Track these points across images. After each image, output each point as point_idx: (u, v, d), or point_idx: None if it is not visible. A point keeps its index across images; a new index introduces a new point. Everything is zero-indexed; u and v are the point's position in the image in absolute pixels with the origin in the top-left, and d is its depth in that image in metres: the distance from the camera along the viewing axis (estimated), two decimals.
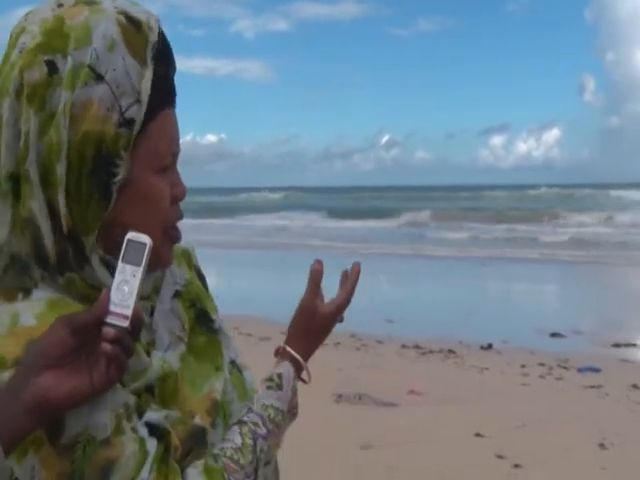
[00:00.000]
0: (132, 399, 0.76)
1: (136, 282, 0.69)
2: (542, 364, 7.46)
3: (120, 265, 0.70)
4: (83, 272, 0.78)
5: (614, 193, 43.80)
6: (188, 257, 0.96)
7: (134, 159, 0.76)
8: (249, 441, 0.83)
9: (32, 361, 0.68)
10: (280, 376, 0.90)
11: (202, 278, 0.98)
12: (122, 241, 0.74)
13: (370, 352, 6.46)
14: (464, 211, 34.43)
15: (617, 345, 8.33)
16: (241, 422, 0.86)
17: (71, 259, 0.77)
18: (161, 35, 0.79)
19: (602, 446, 5.08)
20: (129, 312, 0.68)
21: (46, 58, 0.73)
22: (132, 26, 0.76)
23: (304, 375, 0.94)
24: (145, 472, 0.73)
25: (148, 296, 0.84)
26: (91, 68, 0.73)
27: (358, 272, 0.97)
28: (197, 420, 0.81)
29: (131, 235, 0.71)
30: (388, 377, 6.72)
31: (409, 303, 11.06)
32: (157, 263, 0.81)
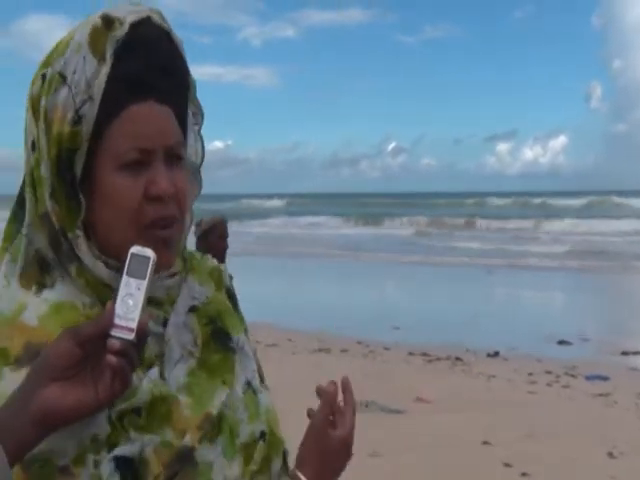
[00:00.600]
0: (105, 430, 0.74)
1: (141, 295, 0.70)
2: (549, 372, 7.43)
3: (125, 278, 0.71)
4: (83, 266, 0.79)
5: (619, 200, 43.65)
6: (218, 276, 0.94)
7: (97, 159, 0.77)
8: None
9: (38, 372, 0.68)
10: None
11: (232, 298, 0.96)
12: (104, 243, 0.78)
13: (377, 359, 6.45)
14: (470, 218, 34.38)
15: (625, 353, 8.28)
16: None
17: (69, 253, 0.79)
18: (139, 29, 0.77)
19: (611, 455, 5.04)
20: (134, 325, 0.68)
21: (42, 72, 0.79)
22: (103, 26, 0.76)
23: None
24: None
25: (162, 304, 0.83)
26: (60, 74, 0.76)
27: (350, 390, 0.93)
28: (186, 439, 0.78)
29: (135, 249, 0.72)
30: (395, 384, 6.70)
31: (416, 310, 11.04)
32: None
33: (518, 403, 6.31)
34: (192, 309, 0.86)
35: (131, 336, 0.68)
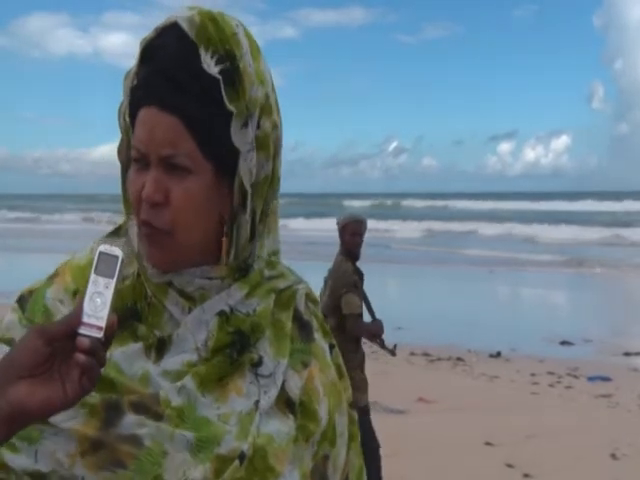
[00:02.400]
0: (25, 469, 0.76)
1: (109, 294, 0.70)
2: (552, 373, 7.42)
3: (93, 277, 0.71)
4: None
5: (621, 205, 43.52)
6: (288, 297, 0.88)
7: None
8: None
9: (5, 370, 0.68)
10: None
11: (304, 325, 0.89)
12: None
13: (379, 359, 6.44)
14: (471, 219, 34.37)
15: (628, 354, 8.27)
16: None
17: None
18: (162, 35, 0.79)
19: (614, 456, 5.03)
20: (103, 323, 0.69)
21: None
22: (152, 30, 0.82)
23: None
24: None
25: (191, 297, 0.83)
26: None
27: None
28: (112, 397, 0.77)
29: (103, 248, 0.72)
30: (397, 385, 6.69)
31: (417, 310, 11.03)
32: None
33: (520, 404, 6.30)
34: (220, 313, 0.83)
35: (100, 334, 0.68)
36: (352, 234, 4.00)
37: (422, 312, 10.89)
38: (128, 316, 0.82)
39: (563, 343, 8.78)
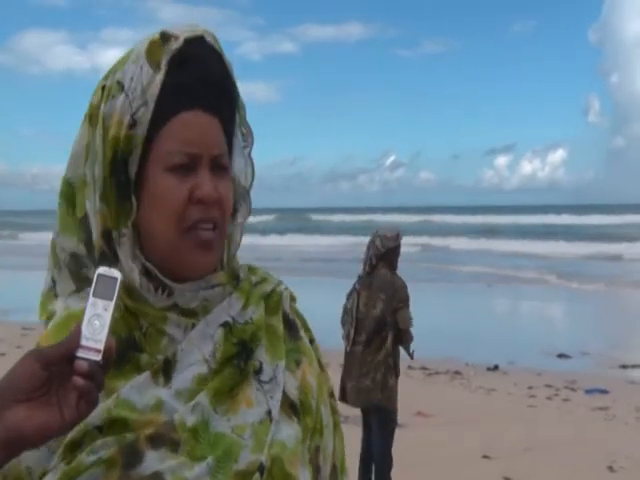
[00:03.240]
0: (40, 467, 0.76)
1: (108, 316, 0.69)
2: (549, 385, 7.43)
3: (91, 299, 0.70)
4: (117, 266, 0.80)
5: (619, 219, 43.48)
6: (276, 300, 0.90)
7: (148, 161, 0.80)
8: None
9: (3, 394, 0.67)
10: None
11: (291, 325, 0.91)
12: (146, 244, 0.81)
13: None
14: (469, 232, 34.38)
15: (624, 366, 8.29)
16: None
17: (108, 254, 0.82)
18: (192, 44, 0.82)
19: (611, 469, 5.04)
20: (101, 346, 0.68)
21: (103, 84, 0.83)
22: (160, 40, 0.81)
23: None
24: None
25: (193, 313, 0.83)
26: (118, 82, 0.81)
27: None
28: (130, 437, 0.76)
29: (102, 270, 0.72)
30: None
31: (415, 324, 11.02)
32: (185, 267, 0.81)
33: (518, 417, 6.32)
34: (224, 325, 0.85)
35: (98, 357, 0.67)
36: (398, 246, 4.14)
37: (419, 326, 10.89)
38: (126, 347, 0.80)
39: (560, 356, 8.80)
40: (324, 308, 5.38)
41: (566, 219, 46.33)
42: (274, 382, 0.85)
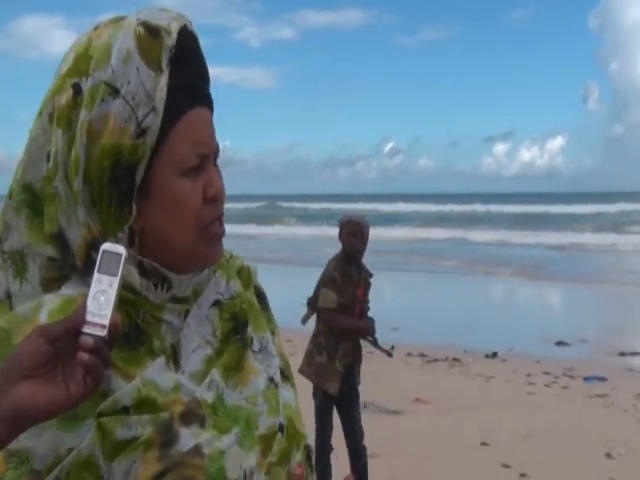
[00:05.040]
0: (82, 443, 0.75)
1: (113, 292, 0.69)
2: (548, 373, 7.44)
3: (96, 275, 0.70)
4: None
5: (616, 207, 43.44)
6: (247, 275, 0.95)
7: (157, 165, 0.77)
8: None
9: (8, 371, 0.67)
10: None
11: (261, 297, 0.97)
12: (156, 247, 0.80)
13: (375, 360, 6.43)
14: (466, 220, 34.39)
15: (623, 354, 8.29)
16: None
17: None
18: (183, 37, 0.79)
19: (609, 456, 5.05)
20: (106, 321, 0.68)
21: (73, 81, 0.77)
22: (149, 35, 0.76)
23: None
24: None
25: (186, 299, 0.84)
26: (107, 84, 0.75)
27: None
28: (165, 414, 0.77)
29: (106, 246, 0.71)
30: (393, 385, 6.70)
31: (414, 311, 11.04)
32: (197, 263, 0.83)
33: (516, 404, 6.32)
34: (215, 303, 0.87)
35: (103, 333, 0.67)
36: (347, 234, 4.12)
37: (418, 313, 10.90)
38: (136, 332, 0.80)
39: (559, 343, 8.80)
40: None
41: (564, 208, 46.20)
42: (265, 352, 0.90)
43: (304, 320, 4.34)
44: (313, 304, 4.20)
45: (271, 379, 0.89)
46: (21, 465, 0.73)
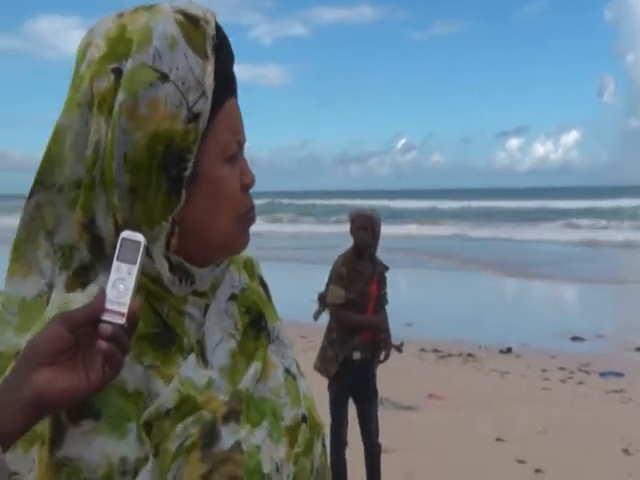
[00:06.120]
0: (134, 453, 0.73)
1: (132, 280, 0.69)
2: (563, 368, 7.38)
3: (115, 263, 0.70)
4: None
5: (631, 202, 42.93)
6: (251, 267, 0.96)
7: (203, 152, 0.78)
8: None
9: (28, 358, 0.68)
10: None
11: (265, 287, 0.99)
12: (192, 237, 0.79)
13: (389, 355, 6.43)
14: (480, 216, 34.21)
15: None
16: None
17: None
18: (218, 27, 0.80)
19: (626, 452, 5.00)
20: (125, 309, 0.68)
21: (112, 66, 0.75)
22: (190, 23, 0.77)
23: None
24: None
25: (205, 293, 0.85)
26: (154, 68, 0.74)
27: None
28: (207, 415, 0.77)
29: (125, 234, 0.71)
30: (408, 381, 6.67)
31: (428, 307, 11.00)
32: (229, 249, 0.84)
33: (531, 399, 6.28)
34: (232, 297, 0.88)
35: (122, 321, 0.68)
36: (358, 228, 4.11)
37: (432, 309, 10.86)
38: (165, 330, 0.80)
39: (574, 339, 8.73)
40: None
41: (579, 203, 45.74)
42: (277, 342, 0.91)
43: (316, 316, 4.35)
44: (323, 300, 4.22)
45: (287, 370, 0.90)
46: (72, 475, 0.71)
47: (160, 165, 0.75)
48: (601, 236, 24.36)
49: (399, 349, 4.48)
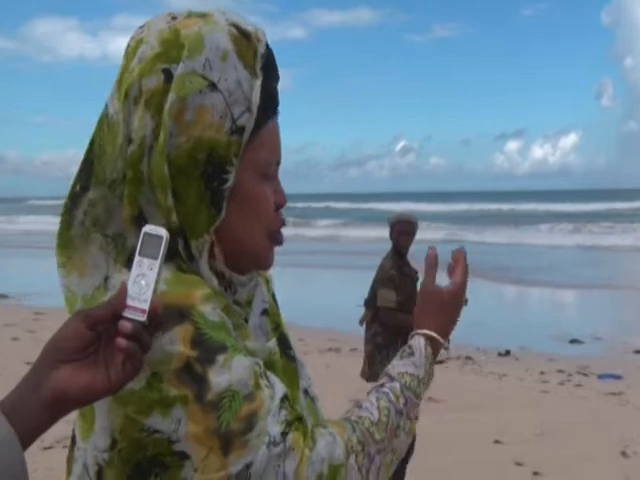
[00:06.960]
0: (262, 352, 0.81)
1: (153, 275, 0.67)
2: (561, 371, 7.39)
3: (137, 258, 0.68)
4: (191, 264, 0.80)
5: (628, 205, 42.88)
6: (267, 282, 0.98)
7: (242, 166, 0.79)
8: (384, 418, 0.86)
9: (49, 354, 0.67)
10: (410, 347, 0.93)
11: (276, 302, 0.99)
12: (231, 247, 0.81)
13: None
14: (478, 218, 34.22)
15: (638, 352, 8.22)
16: (379, 392, 0.87)
17: (181, 250, 0.79)
18: (267, 46, 0.82)
19: (624, 454, 5.01)
20: (146, 306, 0.66)
21: (163, 67, 0.76)
22: (242, 37, 0.79)
23: (439, 346, 0.98)
24: (273, 427, 0.75)
25: (242, 304, 0.86)
26: (204, 76, 0.76)
27: (462, 255, 1.00)
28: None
29: (148, 228, 0.70)
30: None
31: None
32: (258, 265, 0.86)
33: (530, 402, 6.29)
34: (264, 312, 0.90)
35: (143, 317, 0.66)
36: (399, 233, 4.19)
37: None
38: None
39: (572, 341, 8.74)
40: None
41: (577, 207, 45.76)
42: (299, 360, 0.94)
43: (362, 320, 4.32)
44: (371, 304, 4.19)
45: (305, 391, 0.91)
46: (234, 400, 0.74)
47: (202, 174, 0.76)
48: (600, 239, 24.40)
49: (445, 347, 4.46)
